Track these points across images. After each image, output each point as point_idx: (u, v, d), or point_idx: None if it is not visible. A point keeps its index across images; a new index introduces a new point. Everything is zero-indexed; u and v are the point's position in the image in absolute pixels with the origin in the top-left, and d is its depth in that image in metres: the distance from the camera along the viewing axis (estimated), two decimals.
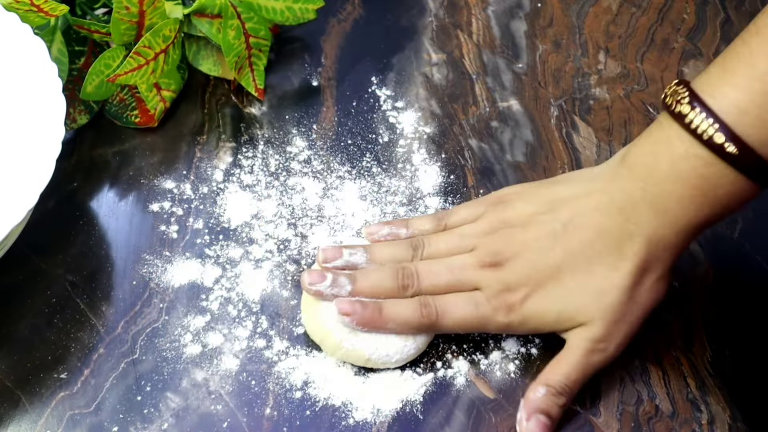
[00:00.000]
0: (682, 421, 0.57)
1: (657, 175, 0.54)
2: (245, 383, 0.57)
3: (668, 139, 0.53)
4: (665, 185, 0.53)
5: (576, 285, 0.55)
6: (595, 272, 0.55)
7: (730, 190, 0.52)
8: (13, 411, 0.56)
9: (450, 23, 0.77)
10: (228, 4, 0.67)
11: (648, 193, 0.54)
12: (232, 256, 0.63)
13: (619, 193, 0.55)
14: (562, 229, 0.56)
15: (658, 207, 0.54)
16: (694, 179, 0.52)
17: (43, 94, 0.60)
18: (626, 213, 0.55)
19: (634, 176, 0.55)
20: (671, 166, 0.53)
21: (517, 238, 0.57)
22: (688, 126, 0.52)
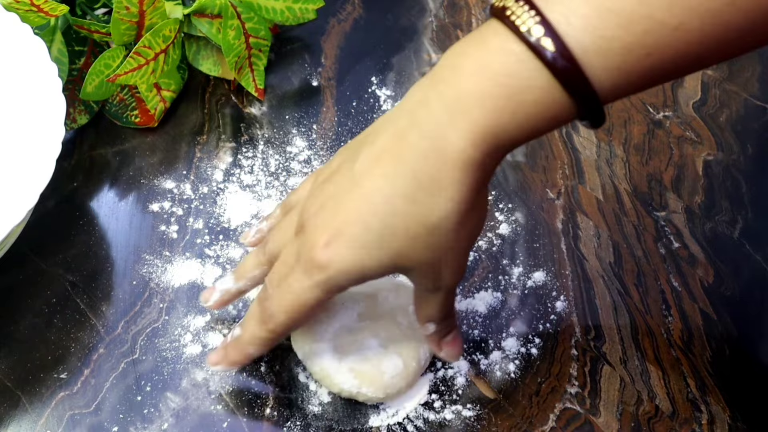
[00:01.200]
0: (682, 421, 0.57)
1: (460, 73, 0.46)
2: (245, 383, 0.57)
3: (484, 36, 0.46)
4: (466, 82, 0.46)
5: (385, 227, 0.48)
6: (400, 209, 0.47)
7: (540, 97, 0.45)
8: (13, 411, 0.56)
9: (450, 23, 0.77)
10: (228, 4, 0.67)
11: (446, 96, 0.46)
12: (232, 256, 0.63)
13: (417, 105, 0.48)
14: (362, 169, 0.49)
15: (454, 108, 0.46)
16: (501, 77, 0.45)
17: (43, 94, 0.60)
18: (421, 125, 0.47)
19: (435, 81, 0.47)
20: (479, 61, 0.46)
21: (324, 192, 0.51)
22: (507, 18, 0.45)
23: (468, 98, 0.46)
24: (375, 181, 0.48)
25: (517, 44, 0.45)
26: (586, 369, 0.58)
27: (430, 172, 0.47)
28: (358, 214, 0.48)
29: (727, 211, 0.66)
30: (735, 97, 0.72)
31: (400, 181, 0.47)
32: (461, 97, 0.46)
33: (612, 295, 0.62)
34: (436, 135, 0.46)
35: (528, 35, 0.44)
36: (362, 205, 0.48)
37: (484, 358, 0.59)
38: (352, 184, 0.49)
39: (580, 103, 0.45)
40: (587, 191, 0.67)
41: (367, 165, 0.49)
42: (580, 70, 0.44)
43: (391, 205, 0.47)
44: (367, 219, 0.48)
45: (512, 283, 0.62)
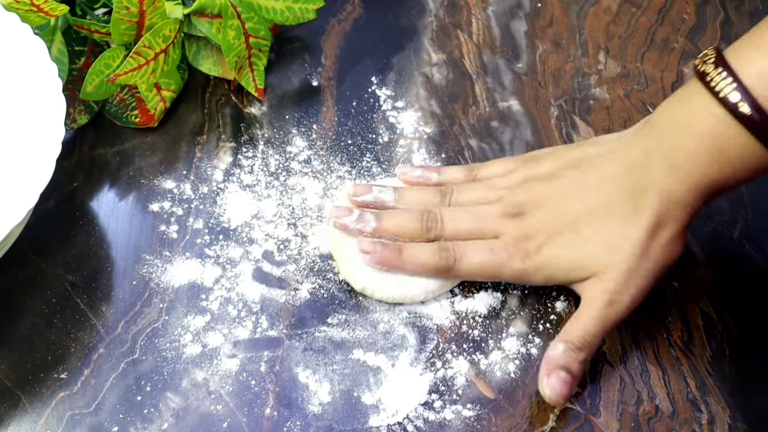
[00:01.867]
0: (682, 421, 0.57)
1: (673, 131, 0.55)
2: (245, 383, 0.57)
3: (690, 96, 0.54)
4: (679, 141, 0.54)
5: (591, 235, 0.57)
6: (610, 224, 0.56)
7: (742, 153, 0.52)
8: (13, 411, 0.56)
9: (450, 23, 0.77)
10: (228, 4, 0.67)
11: (663, 148, 0.55)
12: (232, 256, 0.63)
13: (638, 148, 0.57)
14: (583, 183, 0.58)
15: (671, 161, 0.55)
16: (707, 137, 0.53)
17: (43, 94, 0.60)
18: (642, 167, 0.56)
19: (653, 132, 0.56)
20: (688, 121, 0.54)
21: (540, 190, 0.59)
22: (708, 84, 0.53)
23: (681, 156, 0.54)
24: (595, 196, 0.57)
25: (718, 108, 0.52)
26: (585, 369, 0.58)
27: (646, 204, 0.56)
28: (573, 219, 0.57)
29: (727, 211, 0.66)
30: None
31: (617, 205, 0.56)
32: (675, 153, 0.55)
33: None
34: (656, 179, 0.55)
35: (727, 101, 0.52)
36: (578, 213, 0.57)
37: (484, 358, 0.59)
38: (573, 193, 0.58)
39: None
40: None
41: (588, 181, 0.58)
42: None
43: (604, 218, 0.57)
44: (579, 224, 0.57)
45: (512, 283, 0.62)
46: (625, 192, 0.57)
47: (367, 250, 0.59)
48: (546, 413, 0.57)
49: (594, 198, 0.57)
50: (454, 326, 0.60)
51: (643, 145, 0.57)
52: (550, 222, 0.58)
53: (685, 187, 0.55)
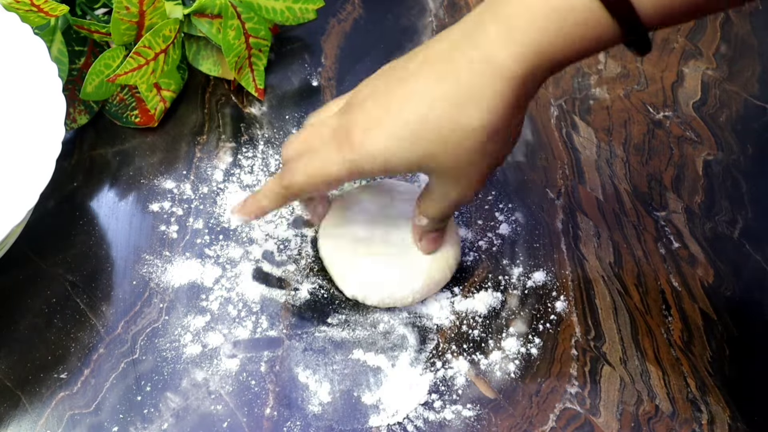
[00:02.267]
0: (682, 421, 0.57)
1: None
2: (245, 383, 0.57)
3: None
4: (516, 4, 0.49)
5: (421, 123, 0.51)
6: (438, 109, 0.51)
7: (584, 17, 0.47)
8: (13, 411, 0.56)
9: (450, 23, 0.77)
10: (228, 4, 0.67)
11: (498, 13, 0.50)
12: (232, 256, 0.63)
13: (472, 22, 0.51)
14: (411, 70, 0.53)
15: (504, 25, 0.49)
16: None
17: (43, 94, 0.60)
18: (473, 39, 0.50)
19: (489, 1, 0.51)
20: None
21: (371, 88, 0.55)
22: None
23: (518, 17, 0.49)
24: (423, 81, 0.52)
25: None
26: (586, 369, 0.58)
27: (475, 81, 0.50)
28: (401, 108, 0.52)
29: (727, 211, 0.66)
30: (735, 97, 0.72)
31: (447, 86, 0.51)
32: (511, 15, 0.49)
33: (612, 295, 0.62)
34: (485, 49, 0.50)
35: None
36: (406, 100, 0.52)
37: (484, 358, 0.59)
38: (401, 81, 0.53)
39: (623, 24, 0.47)
40: (587, 191, 0.67)
41: (418, 67, 0.52)
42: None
43: (433, 105, 0.51)
44: (408, 114, 0.52)
45: (512, 283, 0.62)
46: (451, 70, 0.51)
47: (235, 210, 0.60)
48: (546, 413, 0.57)
49: (421, 81, 0.52)
50: (454, 326, 0.60)
51: (477, 17, 0.51)
52: (376, 111, 0.53)
53: (514, 55, 0.49)
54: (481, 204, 0.66)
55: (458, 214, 0.65)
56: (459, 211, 0.65)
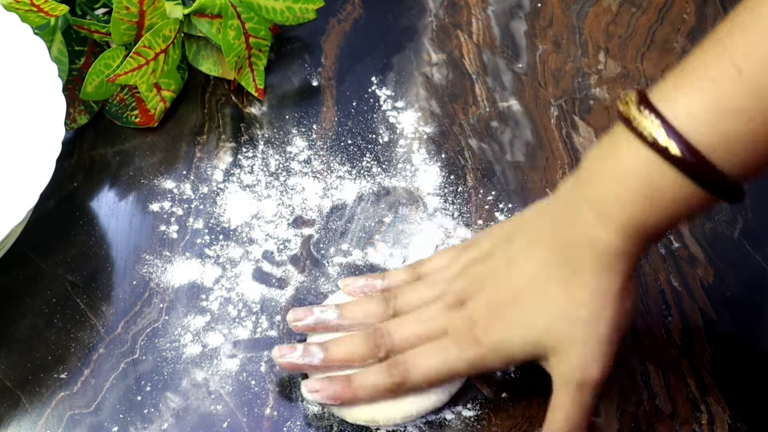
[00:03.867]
0: (682, 421, 0.57)
1: (601, 179, 0.51)
2: (245, 383, 0.57)
3: (616, 143, 0.51)
4: (607, 187, 0.51)
5: (535, 306, 0.53)
6: (550, 290, 0.53)
7: (676, 194, 0.49)
8: (13, 411, 0.56)
9: (450, 23, 0.77)
10: (228, 4, 0.67)
11: (590, 198, 0.52)
12: (232, 256, 0.63)
13: (565, 204, 0.54)
14: (516, 254, 0.54)
15: (598, 210, 0.51)
16: (635, 180, 0.50)
17: (43, 94, 0.60)
18: (570, 222, 0.52)
19: (580, 184, 0.53)
20: (616, 168, 0.51)
21: (478, 274, 0.55)
22: (635, 128, 0.50)
23: (609, 203, 0.51)
24: (530, 264, 0.53)
25: (645, 149, 0.49)
26: None
27: (581, 259, 0.52)
28: (513, 293, 0.54)
29: (727, 211, 0.66)
30: None
31: (554, 267, 0.53)
32: (603, 200, 0.51)
33: None
34: (585, 230, 0.51)
35: (655, 141, 0.49)
36: (517, 285, 0.54)
37: None
38: (508, 266, 0.54)
39: (716, 192, 0.49)
40: None
41: (522, 250, 0.54)
42: (709, 165, 0.48)
43: (543, 285, 0.53)
44: (520, 297, 0.53)
45: None
46: (557, 251, 0.53)
47: (316, 389, 0.54)
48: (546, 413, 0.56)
49: (528, 266, 0.53)
50: None
51: (570, 199, 0.53)
52: (492, 302, 0.54)
53: (618, 234, 0.51)
54: (481, 204, 0.66)
55: (458, 214, 0.65)
56: (459, 211, 0.65)
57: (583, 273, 0.52)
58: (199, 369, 0.58)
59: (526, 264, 0.54)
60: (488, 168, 0.68)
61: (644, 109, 0.49)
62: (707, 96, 0.48)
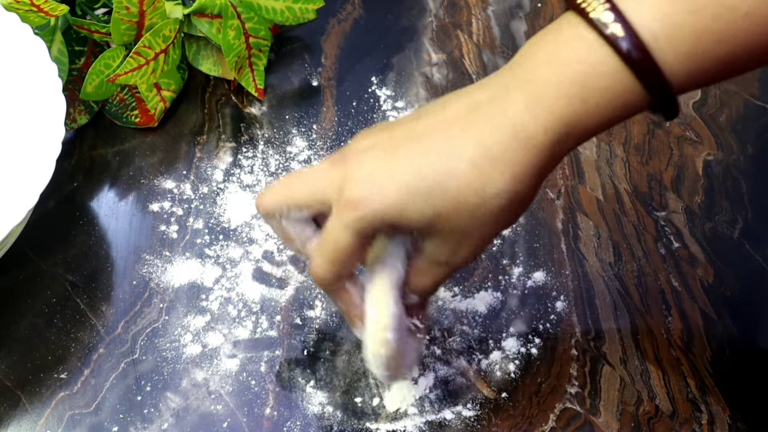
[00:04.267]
0: (682, 421, 0.57)
1: (535, 60, 0.47)
2: (245, 383, 0.57)
3: (558, 25, 0.48)
4: (541, 69, 0.47)
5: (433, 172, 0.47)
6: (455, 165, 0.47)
7: (611, 84, 0.45)
8: (13, 411, 0.56)
9: (450, 23, 0.77)
10: (228, 4, 0.67)
11: (519, 79, 0.47)
12: (232, 256, 0.63)
13: (493, 86, 0.48)
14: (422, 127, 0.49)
15: (529, 92, 0.46)
16: (573, 63, 0.46)
17: (43, 94, 0.60)
18: (496, 103, 0.47)
19: (512, 65, 0.48)
20: (553, 48, 0.47)
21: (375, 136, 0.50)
22: (579, 6, 0.46)
23: (543, 85, 0.46)
24: (440, 139, 0.48)
25: (588, 31, 0.45)
26: (586, 369, 0.58)
27: (501, 147, 0.46)
28: (414, 161, 0.47)
29: (727, 211, 0.66)
30: (735, 97, 0.72)
31: (470, 147, 0.47)
32: (536, 82, 0.46)
33: (612, 295, 0.62)
34: (510, 115, 0.46)
35: (598, 22, 0.45)
36: (421, 155, 0.47)
37: (484, 358, 0.59)
38: (410, 138, 0.48)
39: (651, 90, 0.45)
40: (587, 191, 0.67)
41: (432, 125, 0.48)
42: (649, 55, 0.44)
43: (452, 163, 0.47)
44: (424, 169, 0.47)
45: (512, 283, 0.62)
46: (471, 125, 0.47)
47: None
48: (546, 413, 0.57)
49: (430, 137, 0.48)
50: (454, 326, 0.60)
51: (497, 81, 0.48)
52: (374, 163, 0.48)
53: (542, 124, 0.46)
54: None
55: None
56: None
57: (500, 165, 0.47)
58: (199, 369, 0.58)
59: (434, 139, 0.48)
60: None
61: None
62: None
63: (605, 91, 0.46)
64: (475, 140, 0.47)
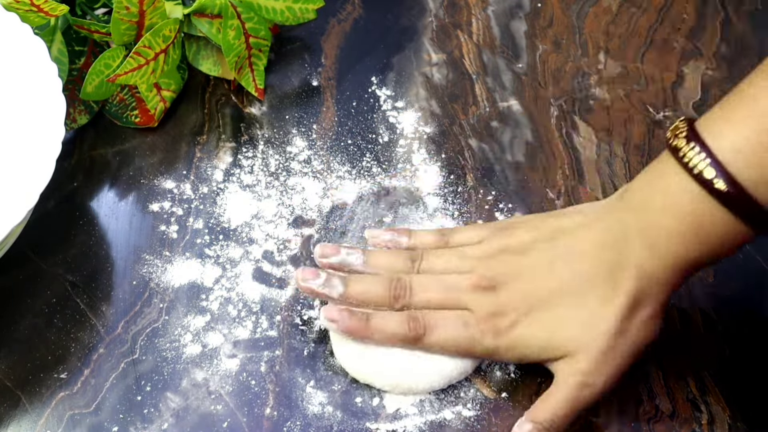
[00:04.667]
0: (682, 421, 0.57)
1: (650, 208, 0.53)
2: (245, 383, 0.57)
3: (665, 173, 0.53)
4: (656, 218, 0.53)
5: (566, 314, 0.54)
6: (586, 303, 0.54)
7: (722, 230, 0.51)
8: (13, 411, 0.56)
9: (450, 23, 0.77)
10: (228, 4, 0.67)
11: (640, 224, 0.54)
12: (232, 256, 0.63)
13: (615, 224, 0.55)
14: (558, 258, 0.55)
15: (648, 240, 0.53)
16: (684, 215, 0.52)
17: (43, 94, 0.60)
18: (619, 243, 0.54)
19: (629, 208, 0.55)
20: (664, 199, 0.53)
21: (513, 263, 0.56)
22: (682, 160, 0.51)
23: (658, 235, 0.53)
24: (572, 273, 0.55)
25: (693, 185, 0.51)
26: None
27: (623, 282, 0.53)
28: (549, 296, 0.55)
29: None
30: None
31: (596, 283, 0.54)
32: (652, 232, 0.53)
33: None
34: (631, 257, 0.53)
35: (702, 177, 0.50)
36: (555, 289, 0.55)
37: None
38: (549, 267, 0.55)
39: (757, 227, 0.51)
40: (587, 191, 0.67)
41: (564, 256, 0.55)
42: (752, 201, 0.50)
43: (581, 297, 0.54)
44: (556, 301, 0.54)
45: None
46: (602, 268, 0.54)
47: (334, 318, 0.56)
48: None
49: (569, 274, 0.55)
50: None
51: (619, 219, 0.55)
52: (524, 298, 0.55)
53: (663, 264, 0.53)
54: (481, 204, 0.66)
55: (458, 214, 0.65)
56: (459, 211, 0.65)
57: (621, 294, 0.53)
58: (199, 369, 0.58)
59: (566, 271, 0.55)
60: (488, 168, 0.68)
61: (692, 142, 0.51)
62: (754, 131, 0.49)
63: (717, 235, 0.52)
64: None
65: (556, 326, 0.54)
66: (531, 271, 0.56)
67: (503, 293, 0.55)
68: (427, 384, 0.56)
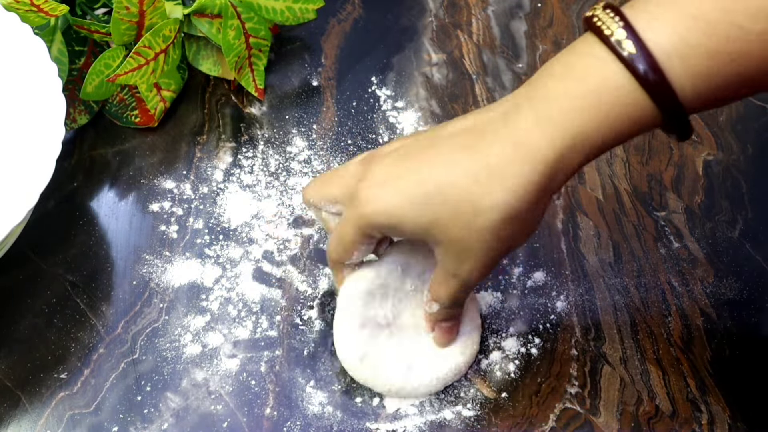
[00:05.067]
0: (682, 421, 0.57)
1: (549, 78, 0.48)
2: (245, 383, 0.57)
3: (574, 44, 0.49)
4: (555, 86, 0.48)
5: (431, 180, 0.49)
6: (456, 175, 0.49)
7: (622, 99, 0.46)
8: (13, 411, 0.56)
9: (450, 23, 0.77)
10: (228, 4, 0.67)
11: (532, 95, 0.48)
12: (232, 256, 0.63)
13: (506, 103, 0.50)
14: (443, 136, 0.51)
15: (540, 109, 0.48)
16: (584, 78, 0.47)
17: (43, 94, 0.60)
18: (506, 117, 0.49)
19: (527, 85, 0.50)
20: (568, 67, 0.48)
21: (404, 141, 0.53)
22: (594, 23, 0.47)
23: (554, 100, 0.47)
24: (448, 148, 0.50)
25: (602, 49, 0.46)
26: (586, 369, 0.58)
27: (501, 159, 0.48)
28: (419, 169, 0.50)
29: (727, 211, 0.66)
30: None
31: (470, 158, 0.49)
32: (548, 98, 0.48)
33: (612, 295, 0.62)
34: (518, 129, 0.48)
35: (612, 40, 0.46)
36: (426, 163, 0.50)
37: (484, 358, 0.59)
38: (428, 146, 0.51)
39: (663, 108, 0.46)
40: (587, 191, 0.67)
41: (444, 136, 0.51)
42: (662, 74, 0.45)
43: (452, 172, 0.49)
44: (425, 176, 0.50)
45: (512, 283, 0.62)
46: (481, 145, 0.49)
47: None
48: (546, 413, 0.57)
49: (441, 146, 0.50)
50: None
51: (513, 98, 0.50)
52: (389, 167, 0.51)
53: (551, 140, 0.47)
54: None
55: None
56: None
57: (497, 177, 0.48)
58: (199, 369, 0.58)
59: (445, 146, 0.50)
60: None
61: (608, 10, 0.47)
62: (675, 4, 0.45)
63: (616, 106, 0.46)
64: (478, 152, 0.48)
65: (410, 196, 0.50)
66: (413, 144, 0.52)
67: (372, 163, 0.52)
68: (425, 390, 0.56)
